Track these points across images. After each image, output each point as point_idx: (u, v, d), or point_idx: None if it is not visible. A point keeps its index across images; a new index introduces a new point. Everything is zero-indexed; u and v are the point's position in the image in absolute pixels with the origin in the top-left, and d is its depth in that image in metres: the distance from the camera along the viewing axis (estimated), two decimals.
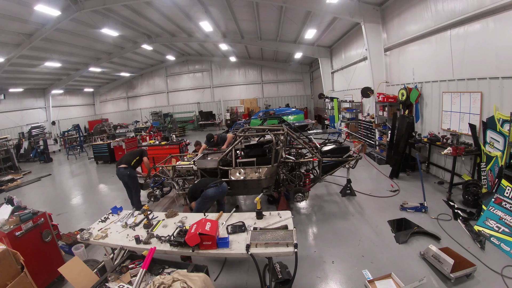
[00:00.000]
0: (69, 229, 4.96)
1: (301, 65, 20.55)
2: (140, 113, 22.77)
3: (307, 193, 5.18)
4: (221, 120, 21.16)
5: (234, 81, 21.84)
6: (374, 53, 8.52)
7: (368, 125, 9.92)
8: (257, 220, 3.27)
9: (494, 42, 4.64)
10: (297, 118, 14.61)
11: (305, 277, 3.42)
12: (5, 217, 3.32)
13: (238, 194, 5.44)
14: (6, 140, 12.34)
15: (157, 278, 2.21)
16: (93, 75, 18.91)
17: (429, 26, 6.23)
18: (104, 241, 3.15)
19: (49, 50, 12.15)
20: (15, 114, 16.38)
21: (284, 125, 5.95)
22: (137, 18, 11.27)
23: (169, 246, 2.84)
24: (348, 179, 5.76)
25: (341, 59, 13.08)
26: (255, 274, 3.51)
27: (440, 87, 6.10)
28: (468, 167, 5.40)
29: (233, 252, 2.73)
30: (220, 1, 9.54)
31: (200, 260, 3.37)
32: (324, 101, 15.20)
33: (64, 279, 3.48)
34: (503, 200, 3.97)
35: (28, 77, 15.28)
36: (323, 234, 4.45)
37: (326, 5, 8.24)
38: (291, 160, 5.26)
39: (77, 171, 10.87)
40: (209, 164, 5.20)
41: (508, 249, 3.52)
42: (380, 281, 3.13)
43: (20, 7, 8.20)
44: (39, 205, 6.48)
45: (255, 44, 15.19)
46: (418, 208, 4.86)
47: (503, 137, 4.47)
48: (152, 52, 17.27)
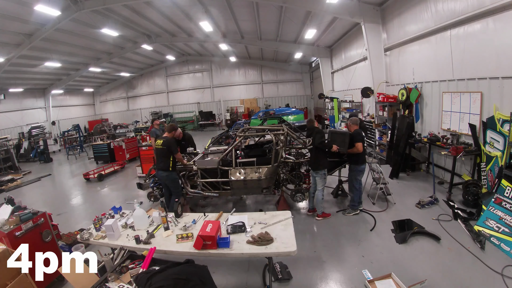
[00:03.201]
0: (69, 229, 4.95)
1: (301, 65, 20.54)
2: (140, 113, 22.75)
3: (307, 193, 5.18)
4: (221, 120, 21.16)
5: (234, 81, 21.83)
6: (374, 53, 8.52)
7: (368, 125, 9.91)
8: (257, 220, 3.26)
9: (494, 42, 4.65)
10: (297, 118, 14.62)
11: (305, 277, 3.42)
12: (5, 217, 3.31)
13: (238, 194, 5.44)
14: (6, 140, 12.34)
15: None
16: (93, 75, 18.90)
17: (429, 26, 6.23)
18: (104, 241, 3.15)
19: (49, 50, 12.14)
20: (15, 114, 16.37)
21: (284, 125, 5.95)
22: (137, 18, 11.27)
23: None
24: (339, 180, 5.74)
25: (341, 59, 13.07)
26: (255, 274, 3.53)
27: (440, 87, 6.10)
28: (468, 167, 5.40)
29: (233, 252, 2.73)
30: (220, 1, 9.53)
31: (200, 260, 3.37)
32: (324, 101, 15.19)
33: (64, 279, 3.48)
34: (503, 200, 3.97)
35: (28, 77, 15.27)
36: (323, 234, 4.45)
37: (326, 5, 8.23)
38: (291, 160, 5.26)
39: (77, 171, 10.86)
40: (209, 164, 5.21)
41: (508, 249, 3.52)
42: (380, 281, 3.13)
43: (20, 7, 8.19)
44: (39, 205, 6.47)
45: (255, 44, 15.18)
46: (432, 202, 5.08)
47: (503, 137, 4.47)
48: (152, 52, 17.26)
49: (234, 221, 3.15)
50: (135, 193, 6.92)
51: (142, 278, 2.15)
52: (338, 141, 4.87)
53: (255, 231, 2.98)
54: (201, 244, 2.71)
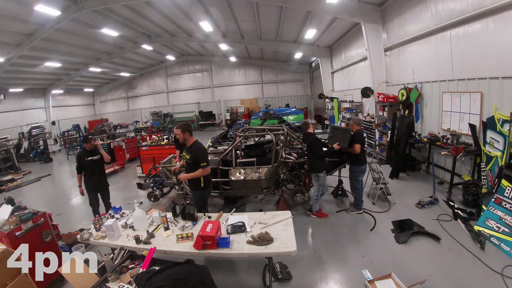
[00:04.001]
0: (69, 229, 4.95)
1: (301, 65, 20.55)
2: (140, 113, 22.76)
3: (307, 193, 5.18)
4: (221, 120, 21.16)
5: (234, 81, 21.83)
6: (374, 53, 8.52)
7: (368, 125, 9.92)
8: (257, 220, 3.26)
9: (494, 42, 4.64)
10: (297, 118, 14.60)
11: (305, 277, 3.41)
12: (5, 217, 3.31)
13: (238, 194, 5.44)
14: (6, 140, 12.33)
15: None
16: (93, 75, 18.91)
17: (429, 26, 6.23)
18: (104, 241, 3.15)
19: (49, 50, 12.14)
20: (15, 114, 16.37)
21: (284, 125, 5.95)
22: (137, 18, 11.27)
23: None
24: (339, 180, 5.74)
25: (341, 59, 13.07)
26: (255, 274, 3.53)
27: (440, 87, 6.10)
28: (468, 167, 5.40)
29: (233, 252, 2.73)
30: (220, 1, 9.53)
31: (200, 260, 3.37)
32: (324, 101, 15.18)
33: (64, 279, 3.48)
34: (503, 200, 3.97)
35: (28, 77, 15.27)
36: (323, 234, 4.45)
37: (326, 5, 8.23)
38: (291, 160, 5.26)
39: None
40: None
41: (508, 249, 3.52)
42: (380, 281, 3.13)
43: (20, 7, 8.19)
44: (39, 205, 6.47)
45: (255, 44, 15.18)
46: (432, 202, 5.08)
47: (503, 137, 4.47)
48: (152, 52, 17.27)
49: (234, 221, 3.15)
50: (135, 193, 6.92)
51: (142, 278, 2.15)
52: (339, 137, 4.90)
53: (255, 231, 2.98)
54: (201, 244, 2.71)
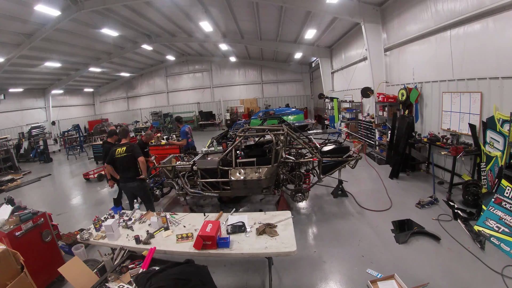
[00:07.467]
0: (69, 229, 4.95)
1: (301, 65, 20.54)
2: (140, 113, 22.76)
3: (307, 193, 5.18)
4: (221, 120, 21.16)
5: (234, 81, 21.82)
6: (374, 53, 8.52)
7: (368, 125, 9.92)
8: (257, 220, 3.26)
9: (494, 42, 4.64)
10: (297, 118, 14.60)
11: (305, 277, 3.41)
12: (5, 217, 3.31)
13: (238, 194, 5.44)
14: (6, 140, 12.33)
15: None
16: (93, 75, 18.89)
17: (429, 26, 6.22)
18: (104, 241, 3.15)
19: (49, 50, 12.14)
20: (15, 114, 16.36)
21: (284, 125, 5.95)
22: (137, 18, 11.26)
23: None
24: (339, 180, 5.74)
25: (341, 59, 13.07)
26: (255, 274, 3.53)
27: (440, 87, 6.10)
28: (468, 167, 5.40)
29: (233, 252, 2.73)
30: (220, 1, 9.52)
31: (200, 260, 3.37)
32: (324, 101, 15.19)
33: (64, 279, 3.48)
34: (503, 200, 3.97)
35: (28, 77, 15.25)
36: (323, 234, 4.45)
37: (326, 5, 8.23)
38: (291, 160, 5.26)
39: (77, 171, 10.85)
40: (209, 164, 5.21)
41: (508, 249, 3.52)
42: (383, 282, 3.11)
43: (20, 7, 8.19)
44: (39, 205, 6.47)
45: (255, 44, 15.18)
46: (432, 202, 5.08)
47: (503, 137, 4.47)
48: (152, 52, 17.26)
49: (234, 221, 3.15)
50: None
51: (142, 278, 2.15)
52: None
53: (255, 231, 2.98)
54: (201, 244, 2.71)
